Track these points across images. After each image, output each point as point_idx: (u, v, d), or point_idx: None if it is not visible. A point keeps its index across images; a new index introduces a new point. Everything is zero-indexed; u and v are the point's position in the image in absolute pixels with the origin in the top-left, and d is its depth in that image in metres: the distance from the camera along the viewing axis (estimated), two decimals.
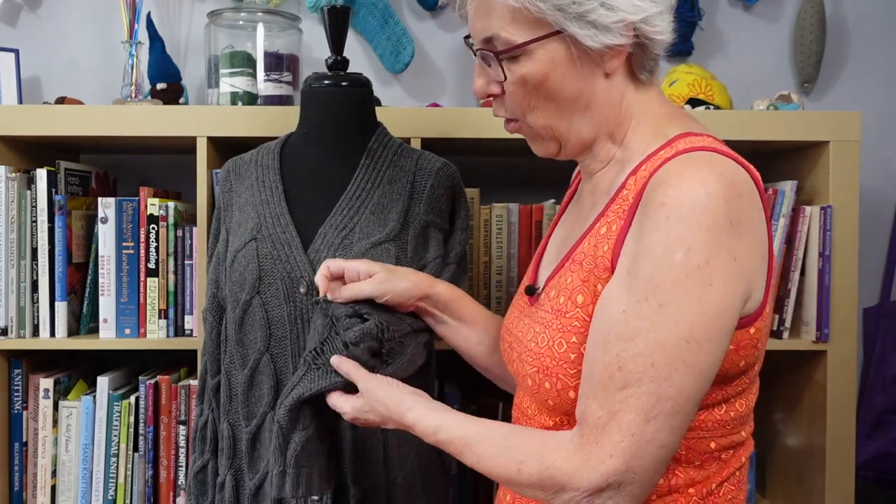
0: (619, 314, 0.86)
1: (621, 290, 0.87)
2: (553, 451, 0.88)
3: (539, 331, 0.98)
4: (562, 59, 0.96)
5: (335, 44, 1.32)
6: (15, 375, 1.62)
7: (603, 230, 0.94)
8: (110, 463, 1.60)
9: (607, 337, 0.86)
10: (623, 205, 0.93)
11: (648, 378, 0.83)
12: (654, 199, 0.86)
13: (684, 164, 0.88)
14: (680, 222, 0.83)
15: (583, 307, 0.93)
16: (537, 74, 0.96)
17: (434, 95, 1.97)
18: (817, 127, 1.59)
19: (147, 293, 1.59)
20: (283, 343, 1.21)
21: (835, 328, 1.58)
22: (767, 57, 1.99)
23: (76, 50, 1.93)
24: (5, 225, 1.57)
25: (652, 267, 0.84)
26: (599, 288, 0.92)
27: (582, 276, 0.95)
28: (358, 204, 1.25)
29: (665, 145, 0.95)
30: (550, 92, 0.97)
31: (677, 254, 0.83)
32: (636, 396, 0.83)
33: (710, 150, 0.90)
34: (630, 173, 0.95)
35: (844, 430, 1.59)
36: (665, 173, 0.88)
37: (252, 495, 1.22)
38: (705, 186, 0.84)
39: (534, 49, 0.95)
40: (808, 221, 1.60)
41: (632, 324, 0.84)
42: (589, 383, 0.88)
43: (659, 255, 0.84)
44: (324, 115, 1.30)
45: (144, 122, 1.56)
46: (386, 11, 1.90)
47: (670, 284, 0.83)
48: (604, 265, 0.92)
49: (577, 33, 0.93)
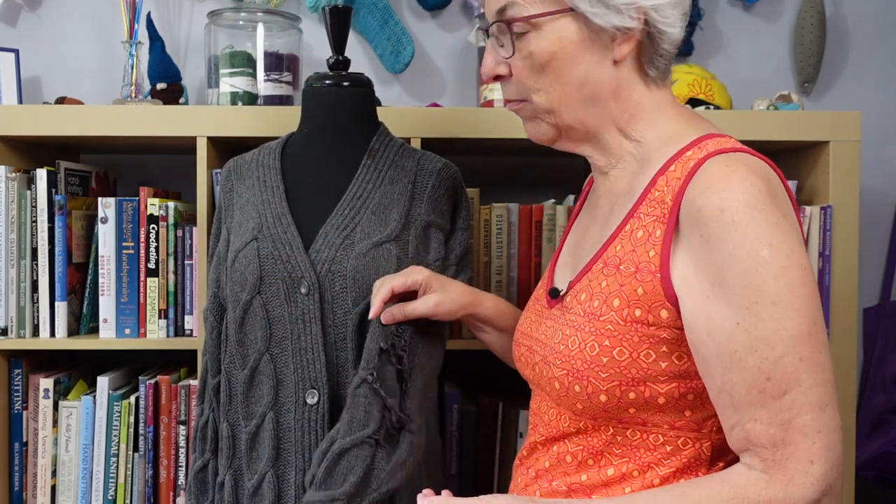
0: (735, 328, 0.84)
1: (719, 305, 0.86)
2: (749, 489, 0.84)
3: (569, 333, 0.97)
4: (571, 39, 0.96)
5: (336, 44, 1.32)
6: (15, 375, 1.62)
7: (640, 234, 0.94)
8: (110, 463, 1.60)
9: (734, 355, 0.84)
10: (660, 207, 0.92)
11: (805, 373, 0.83)
12: (707, 206, 0.86)
13: (724, 165, 0.88)
14: (750, 222, 0.84)
15: (618, 311, 0.93)
16: (545, 52, 0.96)
17: (434, 95, 1.97)
18: (817, 127, 1.59)
19: (147, 293, 1.59)
20: (283, 343, 1.21)
21: (835, 328, 1.58)
22: (767, 57, 1.99)
23: (76, 50, 1.93)
24: (5, 225, 1.57)
25: (744, 272, 0.84)
26: (640, 291, 0.91)
27: (619, 279, 0.94)
28: (359, 204, 1.25)
29: (691, 146, 0.94)
30: (557, 72, 0.97)
31: (763, 251, 0.83)
32: (802, 395, 0.83)
33: (741, 150, 0.91)
34: (658, 173, 0.95)
35: (844, 430, 1.58)
36: (707, 177, 0.88)
37: (251, 495, 1.22)
38: (753, 185, 0.86)
39: (543, 24, 0.96)
40: (807, 221, 1.60)
41: (755, 331, 0.83)
42: (735, 409, 0.86)
43: (745, 258, 0.84)
44: (325, 115, 1.30)
45: (144, 122, 1.56)
46: (386, 11, 1.90)
47: (773, 280, 0.83)
48: (649, 269, 0.91)
49: (587, 11, 0.94)
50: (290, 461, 1.20)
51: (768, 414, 0.83)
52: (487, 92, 1.76)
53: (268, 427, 1.21)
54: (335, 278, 1.20)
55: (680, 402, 0.93)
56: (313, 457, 1.15)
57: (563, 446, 1.01)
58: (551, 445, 1.03)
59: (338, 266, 1.20)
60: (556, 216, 1.63)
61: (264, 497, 1.21)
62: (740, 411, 0.85)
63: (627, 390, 0.93)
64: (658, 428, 0.94)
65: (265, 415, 1.21)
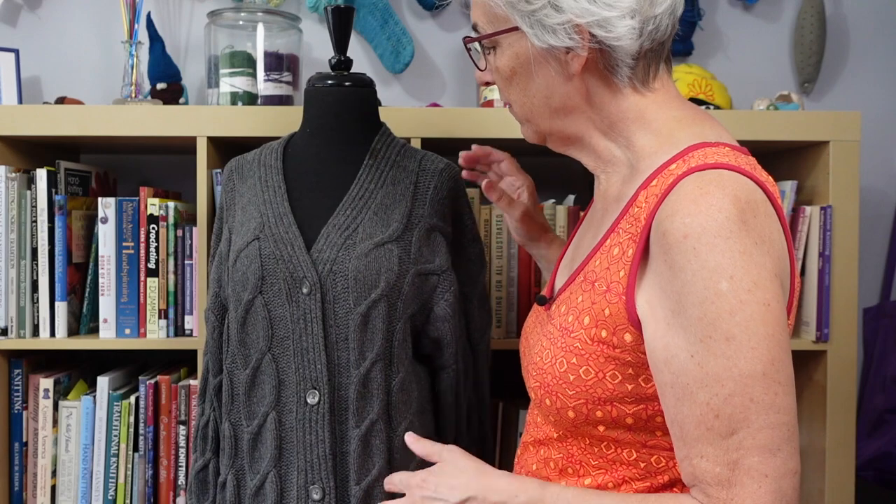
0: (688, 360, 0.82)
1: (676, 334, 0.83)
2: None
3: (545, 345, 0.97)
4: (525, 55, 0.96)
5: (339, 44, 1.32)
6: (15, 375, 1.62)
7: (616, 251, 0.92)
8: (110, 463, 1.60)
9: (687, 388, 0.82)
10: (635, 224, 0.90)
11: (755, 414, 0.79)
12: (672, 230, 0.83)
13: (696, 186, 0.84)
14: (711, 251, 0.81)
15: (587, 329, 0.92)
16: (506, 68, 0.99)
17: (434, 95, 1.97)
18: (817, 127, 1.59)
19: (147, 293, 1.59)
20: (285, 343, 1.21)
21: (835, 328, 1.58)
22: (767, 57, 1.99)
23: (76, 50, 1.93)
24: (5, 225, 1.57)
25: (700, 303, 0.81)
26: (607, 312, 0.90)
27: (593, 297, 0.92)
28: (361, 204, 1.25)
29: (676, 157, 0.91)
30: (522, 86, 0.99)
31: (721, 283, 0.80)
32: (751, 437, 0.80)
33: (723, 166, 0.86)
34: (641, 186, 0.92)
35: (844, 430, 1.59)
36: (677, 199, 0.84)
37: (253, 495, 1.22)
38: (721, 211, 0.81)
39: (501, 42, 0.98)
40: (808, 221, 1.60)
41: (706, 366, 0.81)
42: (685, 442, 0.84)
43: (702, 289, 0.81)
44: (327, 115, 1.30)
45: (144, 122, 1.56)
46: (386, 11, 1.90)
47: (728, 314, 0.80)
48: (617, 290, 0.90)
49: (527, 31, 0.94)
50: (293, 461, 1.20)
51: (715, 452, 0.81)
52: (488, 92, 1.76)
53: (270, 427, 1.21)
54: (337, 278, 1.20)
55: (649, 423, 0.92)
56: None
57: (548, 451, 1.01)
58: (538, 448, 1.03)
59: (339, 266, 1.20)
60: (556, 216, 1.63)
61: (267, 497, 1.21)
62: (689, 445, 0.83)
63: (594, 409, 0.92)
64: (631, 445, 0.94)
65: (267, 414, 1.21)
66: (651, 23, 0.92)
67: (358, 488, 1.19)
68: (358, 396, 1.19)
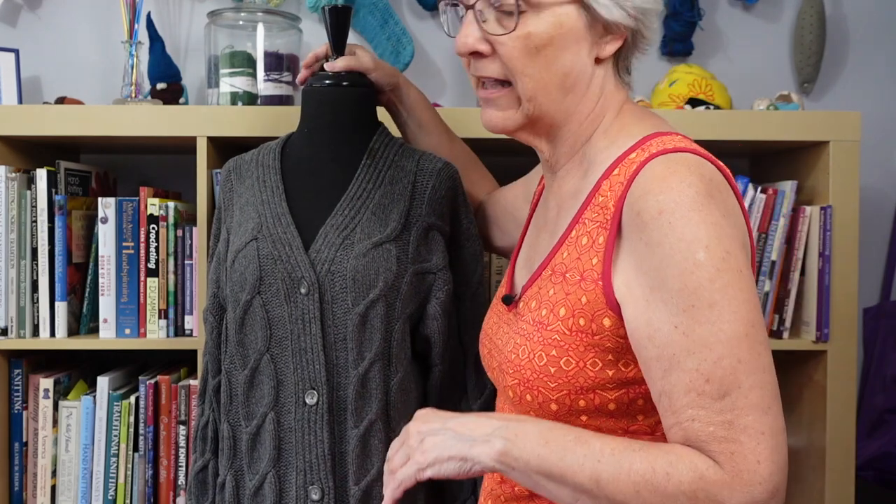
0: (673, 331, 0.84)
1: (657, 308, 0.85)
2: (701, 459, 0.82)
3: (520, 342, 0.97)
4: (569, 27, 0.94)
5: (336, 44, 1.32)
6: (15, 375, 1.62)
7: (584, 241, 0.93)
8: (110, 463, 1.60)
9: (674, 359, 0.84)
10: (603, 213, 0.92)
11: (744, 375, 0.82)
12: (647, 209, 0.86)
13: (664, 167, 0.88)
14: (686, 224, 0.84)
15: (564, 320, 0.92)
16: (543, 35, 0.94)
17: (434, 95, 1.97)
18: (817, 127, 1.58)
19: (147, 293, 1.59)
20: (283, 343, 1.21)
21: (835, 328, 1.58)
22: (767, 57, 1.99)
23: (76, 50, 1.93)
24: (5, 225, 1.57)
25: (680, 274, 0.83)
26: (584, 300, 0.91)
27: (566, 288, 0.93)
28: (359, 204, 1.25)
29: (635, 147, 0.94)
30: (549, 58, 0.95)
31: (699, 253, 0.83)
32: (743, 397, 0.81)
33: (683, 150, 0.90)
34: (602, 177, 0.94)
35: (844, 430, 1.59)
36: (647, 180, 0.88)
37: (252, 495, 1.23)
38: (691, 186, 0.85)
39: (544, 7, 0.93)
40: (808, 221, 1.60)
41: (693, 334, 0.83)
42: (673, 411, 0.84)
43: (681, 261, 0.83)
44: (325, 115, 1.30)
45: (144, 122, 1.56)
46: (386, 11, 1.90)
47: (708, 282, 0.83)
48: (592, 277, 0.91)
49: (594, 1, 0.93)
50: (292, 461, 1.20)
51: (707, 414, 0.82)
52: None
53: (269, 427, 1.21)
54: (335, 278, 1.20)
55: (631, 407, 0.92)
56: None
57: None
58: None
59: (337, 266, 1.20)
60: None
61: (266, 497, 1.21)
62: (678, 413, 0.84)
63: (577, 398, 0.92)
64: (613, 432, 0.93)
65: (266, 415, 1.21)
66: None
67: (357, 488, 1.19)
68: (356, 396, 1.19)
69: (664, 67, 1.94)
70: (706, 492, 0.80)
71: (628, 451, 0.83)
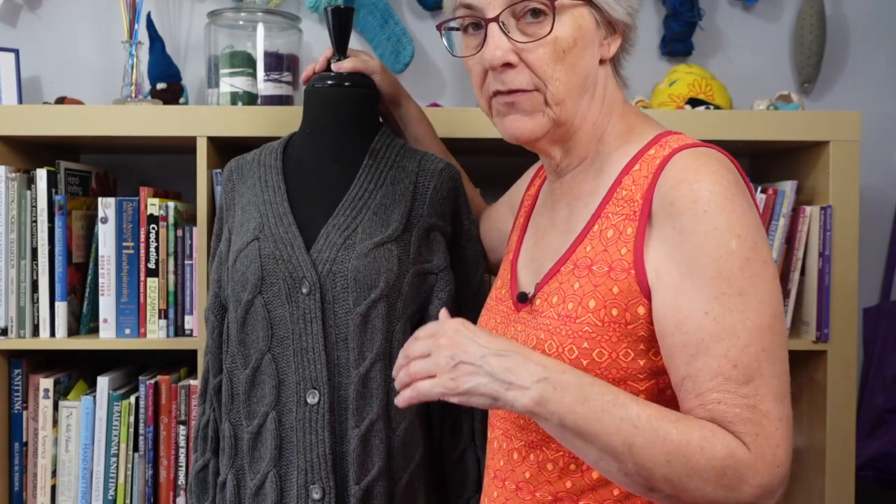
0: (703, 317, 0.86)
1: (688, 295, 0.87)
2: (732, 438, 0.84)
3: (544, 338, 0.96)
4: (585, 30, 0.98)
5: (338, 44, 1.33)
6: (15, 375, 1.62)
7: (610, 233, 0.95)
8: (110, 463, 1.60)
9: (701, 344, 0.86)
10: (629, 205, 0.94)
11: (766, 363, 0.86)
12: (680, 198, 0.89)
13: (693, 160, 0.92)
14: (720, 213, 0.87)
15: (594, 312, 0.93)
16: (568, 38, 0.96)
17: (434, 95, 1.97)
18: (817, 127, 1.58)
19: (147, 293, 1.59)
20: (284, 343, 1.21)
21: (835, 328, 1.58)
22: (767, 57, 1.99)
23: (76, 50, 1.93)
24: (5, 225, 1.57)
25: (714, 261, 0.86)
26: (616, 290, 0.92)
27: (594, 280, 0.94)
28: (360, 204, 1.25)
29: (651, 144, 0.98)
30: (573, 60, 0.97)
31: (731, 242, 0.86)
32: (764, 384, 0.85)
33: (703, 145, 0.95)
34: (622, 172, 0.97)
35: (844, 430, 1.59)
36: (677, 171, 0.91)
37: (253, 495, 1.23)
38: (723, 177, 0.89)
39: (565, 10, 0.96)
40: (808, 221, 1.60)
41: (723, 321, 0.86)
42: (697, 393, 0.87)
43: (715, 249, 0.86)
44: (327, 115, 1.30)
45: (144, 122, 1.56)
46: (386, 11, 1.90)
47: (739, 271, 0.86)
48: (622, 267, 0.92)
49: (604, 2, 0.97)
50: (293, 461, 1.20)
51: (732, 398, 0.85)
52: None
53: (270, 427, 1.21)
54: (336, 278, 1.20)
55: (660, 398, 0.93)
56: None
57: (543, 454, 0.99)
58: (528, 454, 1.00)
59: (339, 266, 1.20)
60: None
61: (267, 497, 1.21)
62: (702, 396, 0.86)
63: None
64: None
65: (267, 414, 1.21)
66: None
67: (357, 488, 1.19)
68: (357, 396, 1.19)
69: (664, 67, 1.94)
70: (734, 469, 0.83)
71: (665, 419, 0.85)
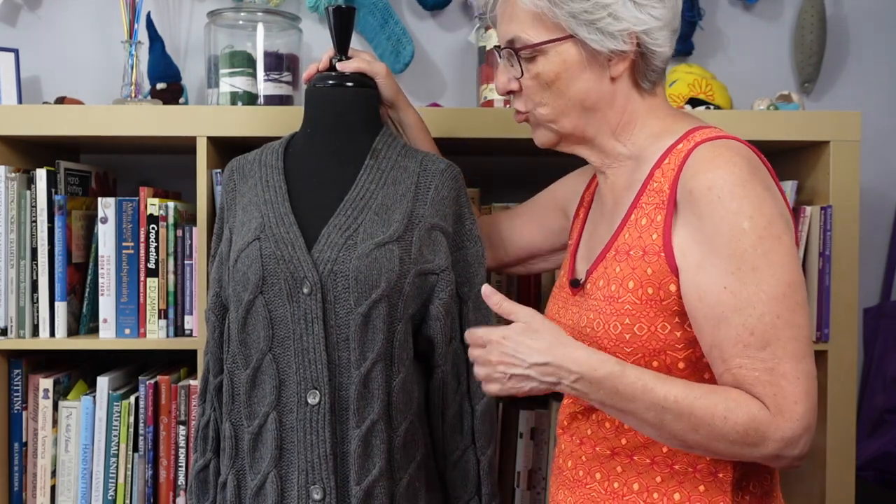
0: (722, 291, 0.98)
1: (708, 272, 0.99)
2: (754, 402, 0.96)
3: (593, 317, 1.09)
4: (572, 61, 1.10)
5: (340, 44, 1.33)
6: (15, 375, 1.62)
7: (643, 221, 1.07)
8: (110, 463, 1.60)
9: (721, 315, 0.98)
10: (659, 196, 1.06)
11: (781, 328, 0.96)
12: (698, 187, 1.00)
13: (710, 151, 1.02)
14: (732, 198, 0.98)
15: (633, 291, 1.05)
16: (550, 73, 1.10)
17: (434, 95, 1.97)
18: (817, 127, 1.59)
19: (147, 293, 1.59)
20: (285, 343, 1.21)
21: (835, 328, 1.58)
22: (767, 57, 1.99)
23: (76, 50, 1.93)
24: (5, 225, 1.57)
25: (729, 242, 0.97)
26: (650, 272, 1.04)
27: (631, 264, 1.06)
28: (362, 204, 1.25)
29: (681, 139, 1.08)
30: (561, 89, 1.11)
31: (744, 223, 0.97)
32: (781, 347, 0.96)
33: (725, 136, 1.05)
34: (654, 166, 1.08)
35: (844, 430, 1.59)
36: (696, 162, 1.02)
37: (253, 495, 1.22)
38: (736, 165, 0.99)
39: (548, 50, 1.10)
40: (808, 221, 1.60)
41: (739, 294, 0.97)
42: (723, 360, 0.98)
43: (729, 230, 0.97)
44: (328, 115, 1.30)
45: (144, 122, 1.56)
46: (386, 11, 1.90)
47: (752, 248, 0.97)
48: (654, 250, 1.04)
49: (586, 38, 1.07)
50: (293, 461, 1.20)
51: (752, 363, 0.96)
52: (487, 92, 1.76)
53: (271, 427, 1.21)
54: (337, 278, 1.20)
55: (698, 364, 1.04)
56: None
57: (602, 414, 1.10)
58: (590, 414, 1.13)
59: (340, 266, 1.20)
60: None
61: (267, 497, 1.21)
62: (727, 361, 0.98)
63: (651, 360, 1.04)
64: None
65: (268, 415, 1.21)
66: (675, 34, 1.12)
67: (358, 488, 1.19)
68: (358, 397, 1.19)
69: None
70: (755, 430, 0.95)
71: (690, 398, 0.97)
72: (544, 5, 1.07)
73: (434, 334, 1.26)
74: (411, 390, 1.24)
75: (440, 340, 1.26)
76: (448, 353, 1.27)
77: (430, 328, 1.26)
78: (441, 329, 1.26)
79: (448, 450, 1.31)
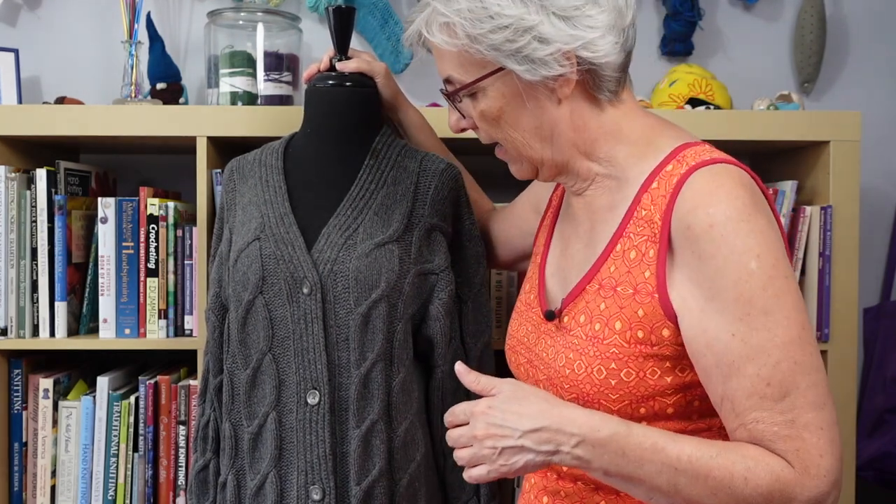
0: (731, 339, 0.88)
1: (713, 318, 0.89)
2: (775, 460, 0.87)
3: (573, 357, 0.98)
4: (511, 93, 1.00)
5: (340, 44, 1.33)
6: (15, 375, 1.62)
7: (633, 254, 0.96)
8: (110, 463, 1.60)
9: (733, 366, 0.88)
10: (649, 226, 0.95)
11: (800, 375, 0.87)
12: (697, 223, 0.90)
13: (708, 180, 0.92)
14: (737, 235, 0.88)
15: (621, 333, 0.95)
16: (493, 109, 1.02)
17: (434, 95, 1.97)
18: (817, 127, 1.58)
19: (147, 293, 1.59)
20: (285, 343, 1.21)
21: (835, 328, 1.58)
22: (767, 57, 1.99)
23: (76, 50, 1.93)
24: (5, 225, 1.57)
25: (735, 284, 0.88)
26: (641, 313, 0.94)
27: (619, 302, 0.96)
28: (362, 204, 1.25)
29: (669, 159, 0.97)
30: (510, 123, 1.02)
31: (751, 263, 0.88)
32: (801, 396, 0.87)
33: (721, 160, 0.94)
34: (640, 190, 0.98)
35: (844, 430, 1.59)
36: (694, 194, 0.91)
37: (253, 495, 1.23)
38: (738, 199, 0.90)
39: (485, 86, 1.01)
40: (808, 221, 1.60)
41: (750, 341, 0.87)
42: (737, 413, 0.89)
43: (735, 272, 0.88)
44: (328, 115, 1.30)
45: (144, 122, 1.56)
46: (386, 11, 1.90)
47: (761, 290, 0.87)
48: (646, 290, 0.94)
49: (516, 69, 0.97)
50: (293, 461, 1.20)
51: (770, 416, 0.87)
52: None
53: (270, 427, 1.21)
54: (337, 279, 1.20)
55: (687, 408, 0.96)
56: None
57: None
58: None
59: (340, 266, 1.20)
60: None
61: (267, 497, 1.21)
62: (741, 415, 0.88)
63: (638, 406, 0.95)
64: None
65: (268, 415, 1.21)
66: (623, 34, 0.99)
67: (358, 488, 1.19)
68: (358, 397, 1.19)
69: (664, 67, 1.94)
70: (780, 491, 0.86)
71: (705, 457, 0.87)
72: (464, 43, 0.98)
73: (434, 334, 1.26)
74: (411, 390, 1.24)
75: (440, 340, 1.26)
76: (448, 353, 1.27)
77: (429, 328, 1.26)
78: (441, 329, 1.26)
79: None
